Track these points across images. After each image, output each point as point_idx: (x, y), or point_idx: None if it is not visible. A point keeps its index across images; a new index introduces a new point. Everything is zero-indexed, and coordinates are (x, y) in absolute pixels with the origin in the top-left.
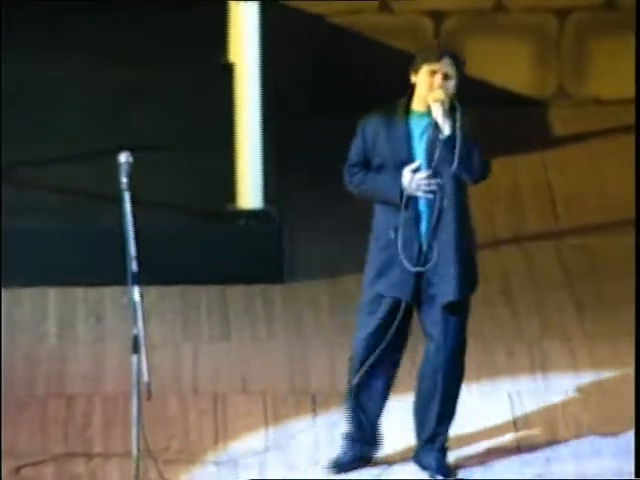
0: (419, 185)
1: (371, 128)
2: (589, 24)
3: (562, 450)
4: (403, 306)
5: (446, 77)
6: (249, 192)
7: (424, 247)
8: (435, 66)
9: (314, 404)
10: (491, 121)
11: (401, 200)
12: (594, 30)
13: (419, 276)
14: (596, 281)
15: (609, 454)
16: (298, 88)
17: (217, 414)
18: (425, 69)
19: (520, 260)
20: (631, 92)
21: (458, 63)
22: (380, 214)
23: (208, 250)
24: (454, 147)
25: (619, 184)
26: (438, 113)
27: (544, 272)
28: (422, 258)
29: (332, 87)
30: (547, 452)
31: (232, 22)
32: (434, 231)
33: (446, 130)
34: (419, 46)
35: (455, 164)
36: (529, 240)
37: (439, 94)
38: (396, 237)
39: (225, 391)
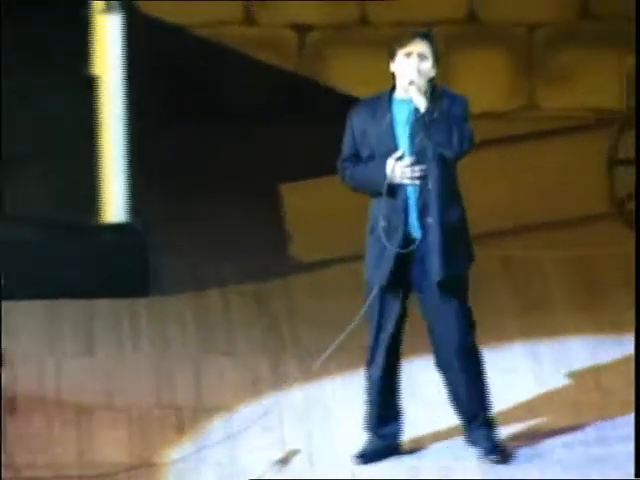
0: (403, 173)
1: (358, 120)
2: (453, 38)
3: (427, 455)
4: (376, 291)
5: (421, 57)
6: (113, 205)
7: (413, 233)
8: (409, 48)
9: (180, 418)
10: None
11: (388, 189)
12: (458, 44)
13: (406, 262)
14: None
15: (473, 457)
16: (162, 99)
17: (82, 429)
18: (400, 53)
19: None
20: (496, 106)
21: (431, 42)
22: (375, 205)
23: (73, 264)
24: (432, 125)
25: (486, 198)
26: (412, 91)
27: None
28: (409, 244)
29: (196, 98)
30: (413, 459)
31: (96, 34)
32: (421, 215)
33: (422, 107)
34: (283, 59)
35: (432, 139)
36: None
37: (412, 74)
38: (387, 226)
39: (90, 406)
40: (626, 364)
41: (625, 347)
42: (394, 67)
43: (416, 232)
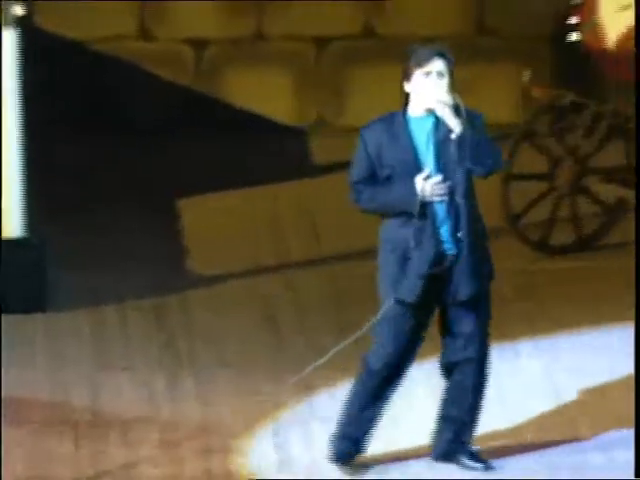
0: (434, 190)
1: (373, 140)
2: (348, 53)
3: (330, 474)
4: (389, 305)
5: (440, 76)
6: (10, 220)
7: (446, 248)
8: (428, 67)
9: (76, 435)
10: (252, 149)
11: (419, 208)
12: (353, 59)
13: (435, 278)
14: (358, 307)
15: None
16: (59, 114)
17: None
18: (418, 73)
19: (283, 287)
20: None
21: (448, 59)
22: (394, 226)
23: None
24: (465, 144)
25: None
26: (445, 113)
27: (307, 299)
28: (441, 260)
29: (94, 112)
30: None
31: None
32: (454, 230)
33: (457, 129)
34: (180, 74)
35: (469, 162)
36: (292, 267)
37: (442, 95)
38: (416, 245)
39: None
40: (521, 373)
41: (521, 358)
42: (410, 87)
43: (450, 248)
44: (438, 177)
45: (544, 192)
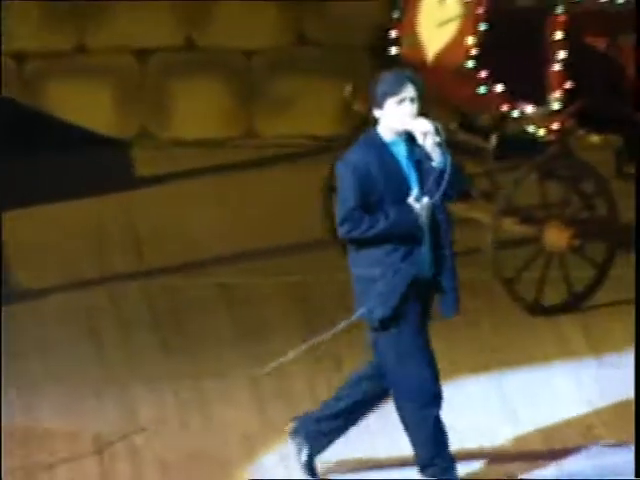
0: (424, 212)
1: (362, 163)
2: (170, 65)
3: None
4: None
5: (412, 101)
6: None
7: (425, 269)
8: (401, 95)
9: None
10: (75, 162)
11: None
12: (175, 71)
13: (419, 296)
14: (180, 321)
15: None
16: None
17: None
18: (391, 101)
19: (106, 300)
20: (215, 133)
21: (417, 82)
22: (382, 252)
23: None
24: (444, 171)
25: (203, 225)
26: (428, 143)
27: (130, 312)
28: (421, 280)
29: None
30: None
31: None
32: (436, 249)
33: (438, 159)
34: (2, 87)
35: (448, 188)
36: (115, 280)
37: (425, 125)
38: (400, 267)
39: None
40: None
41: (344, 369)
42: (380, 113)
43: (429, 269)
44: (426, 199)
45: None
